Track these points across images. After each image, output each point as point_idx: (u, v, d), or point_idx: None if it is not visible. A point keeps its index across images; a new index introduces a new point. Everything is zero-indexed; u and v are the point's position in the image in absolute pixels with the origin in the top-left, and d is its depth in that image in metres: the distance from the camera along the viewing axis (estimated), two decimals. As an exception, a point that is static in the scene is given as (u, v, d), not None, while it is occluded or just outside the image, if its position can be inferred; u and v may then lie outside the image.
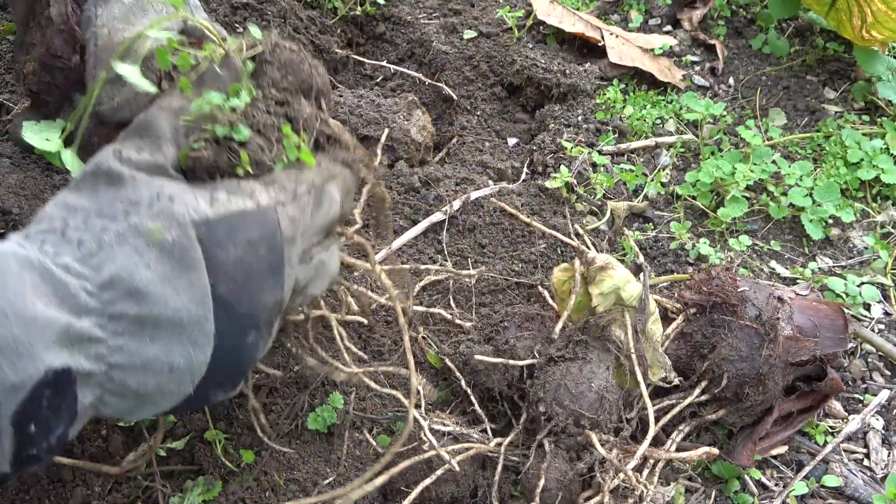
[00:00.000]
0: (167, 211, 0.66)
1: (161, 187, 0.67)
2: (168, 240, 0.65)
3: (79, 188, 0.67)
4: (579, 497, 0.96)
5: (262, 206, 0.70)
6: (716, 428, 1.12)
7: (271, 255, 0.70)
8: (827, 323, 1.11)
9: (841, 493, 1.09)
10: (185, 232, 0.66)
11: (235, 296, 0.68)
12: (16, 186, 1.14)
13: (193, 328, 0.66)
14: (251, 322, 0.69)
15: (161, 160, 0.68)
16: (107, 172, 0.66)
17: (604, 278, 1.05)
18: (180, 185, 0.68)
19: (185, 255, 0.65)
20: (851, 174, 1.45)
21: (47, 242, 0.63)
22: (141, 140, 0.69)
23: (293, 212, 0.72)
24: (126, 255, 0.64)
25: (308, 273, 0.77)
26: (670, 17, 1.75)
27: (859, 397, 1.20)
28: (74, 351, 0.62)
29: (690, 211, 1.41)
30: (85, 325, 0.62)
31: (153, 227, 0.65)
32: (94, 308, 0.63)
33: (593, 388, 1.00)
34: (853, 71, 1.64)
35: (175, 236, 0.65)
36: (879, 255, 1.36)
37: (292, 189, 0.73)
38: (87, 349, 0.63)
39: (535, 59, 1.57)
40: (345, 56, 1.59)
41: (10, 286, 0.59)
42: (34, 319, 0.59)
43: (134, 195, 0.65)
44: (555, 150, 1.42)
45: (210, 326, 0.67)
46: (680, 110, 1.55)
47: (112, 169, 0.66)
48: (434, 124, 1.50)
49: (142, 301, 0.64)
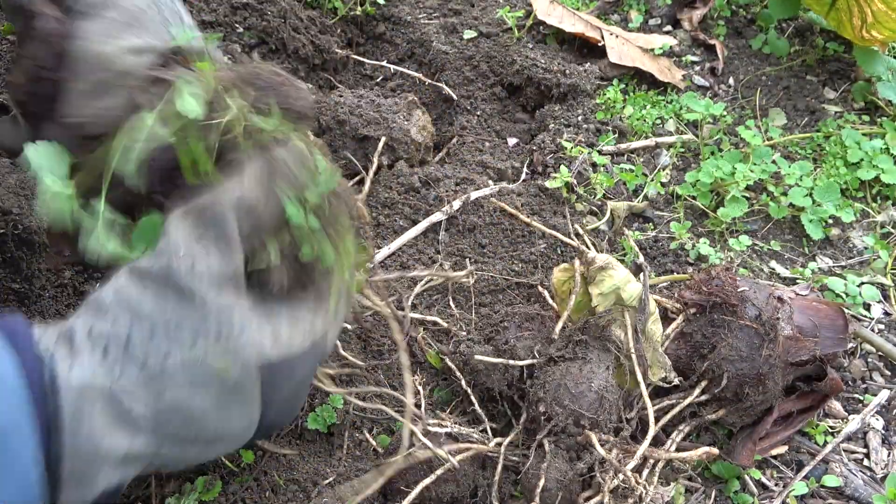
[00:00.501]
0: (234, 348, 0.68)
1: (230, 315, 0.67)
2: (233, 377, 0.68)
3: (144, 286, 0.67)
4: (579, 497, 0.96)
5: (317, 339, 0.73)
6: (716, 428, 1.12)
7: (313, 374, 0.78)
8: (827, 323, 1.11)
9: (841, 493, 1.09)
10: (248, 373, 0.69)
11: (279, 419, 0.76)
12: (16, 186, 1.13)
13: (233, 442, 0.73)
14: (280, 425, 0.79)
15: (230, 270, 0.68)
16: (176, 285, 0.66)
17: (604, 278, 1.05)
18: (245, 311, 0.69)
19: (244, 390, 0.69)
20: (851, 174, 1.45)
21: (110, 353, 0.66)
22: (207, 236, 0.67)
23: (335, 333, 0.76)
24: (188, 385, 0.67)
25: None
26: (670, 17, 1.75)
27: (859, 397, 1.20)
28: (128, 465, 0.67)
29: (690, 211, 1.41)
30: (139, 445, 0.66)
31: (220, 364, 0.67)
32: (150, 429, 0.67)
33: (593, 388, 1.00)
34: (853, 71, 1.65)
35: (238, 375, 0.68)
36: (879, 255, 1.36)
37: (334, 309, 0.75)
38: (140, 461, 0.68)
39: (535, 59, 1.57)
40: (345, 56, 1.59)
41: (86, 421, 0.63)
42: (98, 453, 0.64)
43: (202, 324, 0.67)
44: (555, 150, 1.42)
45: (249, 436, 0.73)
46: (680, 110, 1.55)
47: (182, 285, 0.66)
48: (434, 124, 1.50)
49: (194, 424, 0.69)
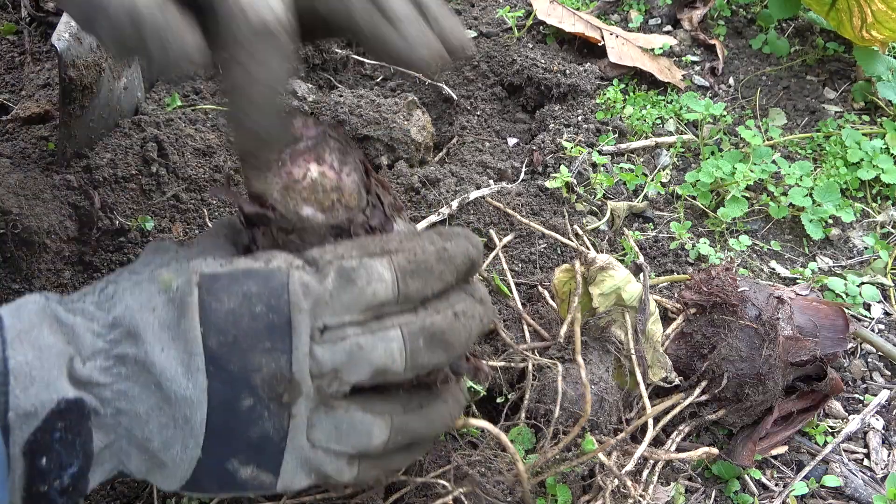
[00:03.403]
0: (184, 265, 0.66)
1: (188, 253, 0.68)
2: (174, 287, 0.65)
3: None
4: (579, 500, 0.96)
5: (272, 266, 0.67)
6: (716, 428, 1.12)
7: (271, 314, 0.66)
8: (827, 323, 1.11)
9: (841, 493, 1.09)
10: (189, 279, 0.65)
11: (225, 350, 0.65)
12: (16, 186, 1.13)
13: (183, 376, 0.65)
14: (243, 384, 0.66)
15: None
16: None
17: (604, 279, 1.05)
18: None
19: (184, 301, 0.65)
20: (851, 174, 1.45)
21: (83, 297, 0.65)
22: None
23: (309, 278, 0.67)
24: (135, 298, 0.65)
25: (337, 356, 0.67)
26: (670, 17, 1.75)
27: (859, 397, 1.20)
28: (82, 390, 0.62)
29: (690, 211, 1.41)
30: (89, 370, 0.62)
31: (165, 275, 0.65)
32: (100, 349, 0.63)
33: (593, 390, 1.00)
34: (853, 71, 1.64)
35: (180, 283, 0.65)
36: (879, 255, 1.36)
37: (315, 257, 0.69)
38: (93, 391, 0.63)
39: (535, 59, 1.57)
40: (345, 56, 1.59)
41: (25, 319, 0.60)
42: (48, 348, 0.60)
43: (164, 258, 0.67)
44: (555, 150, 1.42)
45: (202, 378, 0.65)
46: (680, 110, 1.55)
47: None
48: (434, 124, 1.50)
49: (139, 343, 0.64)
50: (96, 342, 0.63)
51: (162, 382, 0.64)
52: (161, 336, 0.64)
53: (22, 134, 1.28)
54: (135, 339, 0.64)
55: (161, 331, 0.64)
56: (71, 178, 1.19)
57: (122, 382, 0.63)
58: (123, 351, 0.63)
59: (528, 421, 1.02)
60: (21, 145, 1.25)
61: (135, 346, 0.64)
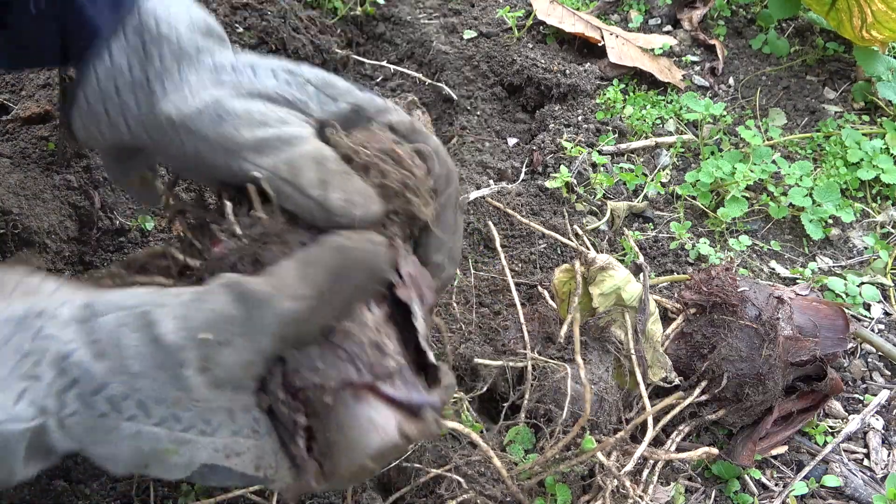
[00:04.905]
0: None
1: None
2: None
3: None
4: (579, 500, 0.96)
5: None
6: (716, 428, 1.12)
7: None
8: (827, 323, 1.11)
9: (841, 493, 1.09)
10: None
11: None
12: (16, 186, 1.14)
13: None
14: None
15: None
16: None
17: (604, 279, 1.05)
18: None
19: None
20: (851, 174, 1.45)
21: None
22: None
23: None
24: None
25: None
26: (670, 17, 1.75)
27: (859, 397, 1.20)
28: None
29: (690, 211, 1.41)
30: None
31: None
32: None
33: (592, 390, 1.00)
34: (853, 71, 1.64)
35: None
36: (879, 255, 1.36)
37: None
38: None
39: (535, 59, 1.57)
40: (345, 56, 1.59)
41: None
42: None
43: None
44: (555, 150, 1.42)
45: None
46: (680, 110, 1.55)
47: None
48: (434, 124, 1.50)
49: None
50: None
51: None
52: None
53: (22, 134, 1.28)
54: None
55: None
56: (71, 178, 1.19)
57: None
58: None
59: (529, 420, 1.02)
60: (21, 145, 1.25)
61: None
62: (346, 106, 0.71)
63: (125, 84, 0.71)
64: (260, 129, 0.67)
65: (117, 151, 0.76)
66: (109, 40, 0.71)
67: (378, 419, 0.60)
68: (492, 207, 1.30)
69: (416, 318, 0.65)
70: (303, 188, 0.65)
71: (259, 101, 0.69)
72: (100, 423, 0.57)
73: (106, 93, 0.72)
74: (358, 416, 0.60)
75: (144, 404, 0.56)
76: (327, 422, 0.60)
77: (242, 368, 0.58)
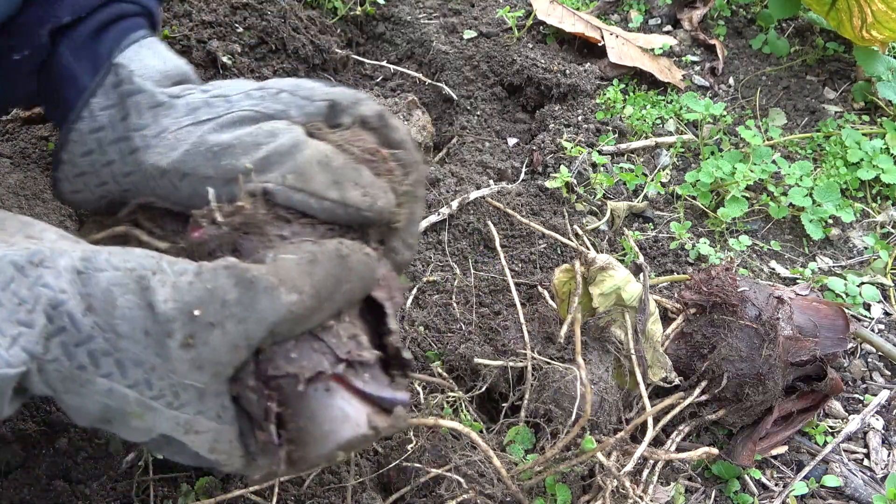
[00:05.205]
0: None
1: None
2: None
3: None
4: (579, 500, 0.96)
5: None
6: (716, 428, 1.12)
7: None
8: (827, 323, 1.11)
9: (841, 493, 1.09)
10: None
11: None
12: (16, 186, 1.14)
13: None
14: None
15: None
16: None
17: (604, 279, 1.05)
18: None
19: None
20: (851, 174, 1.45)
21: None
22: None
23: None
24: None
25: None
26: (670, 17, 1.75)
27: (859, 397, 1.20)
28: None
29: (690, 211, 1.41)
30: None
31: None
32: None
33: (593, 390, 1.00)
34: (853, 71, 1.64)
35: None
36: (879, 255, 1.36)
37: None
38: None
39: (535, 59, 1.57)
40: (345, 56, 1.59)
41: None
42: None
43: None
44: (555, 150, 1.42)
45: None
46: (680, 110, 1.55)
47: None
48: (434, 124, 1.50)
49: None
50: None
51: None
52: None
53: (22, 134, 1.28)
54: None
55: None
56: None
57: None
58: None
59: (529, 420, 1.02)
60: (21, 145, 1.25)
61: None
62: (322, 103, 0.73)
63: (108, 140, 0.73)
64: (256, 150, 0.68)
65: (107, 204, 0.77)
66: (90, 99, 0.74)
67: (350, 411, 0.62)
68: (492, 207, 1.30)
69: (388, 317, 0.68)
70: (317, 193, 0.67)
71: (243, 126, 0.71)
72: (76, 374, 0.59)
73: (90, 149, 0.74)
74: (331, 407, 0.62)
75: (122, 364, 0.58)
76: (299, 410, 0.62)
77: (227, 353, 0.59)
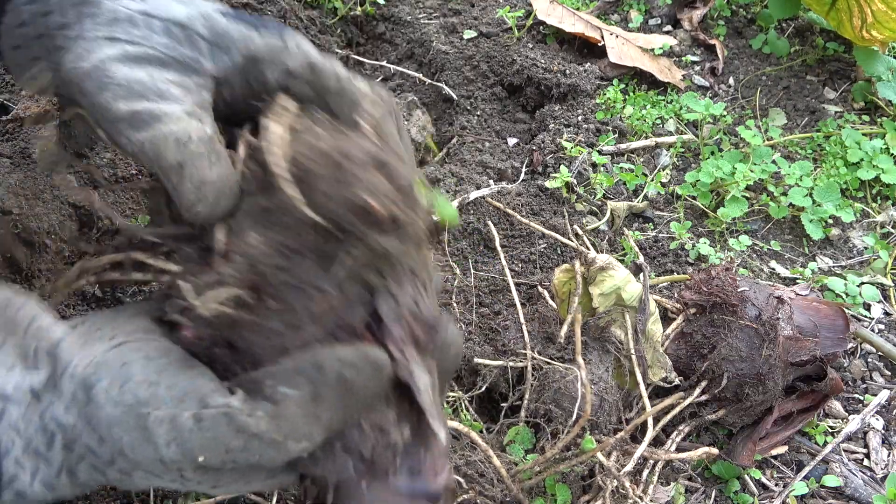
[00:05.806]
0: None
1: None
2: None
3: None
4: (579, 500, 0.96)
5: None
6: (716, 428, 1.12)
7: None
8: (827, 323, 1.11)
9: (841, 493, 1.09)
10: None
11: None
12: (16, 186, 1.14)
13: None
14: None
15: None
16: None
17: (604, 279, 1.05)
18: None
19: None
20: (851, 174, 1.45)
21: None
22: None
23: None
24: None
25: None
26: (670, 17, 1.75)
27: (859, 397, 1.20)
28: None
29: (690, 211, 1.41)
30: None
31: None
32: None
33: (593, 390, 1.00)
34: (853, 71, 1.64)
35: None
36: (879, 255, 1.36)
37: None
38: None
39: (535, 59, 1.57)
40: (345, 56, 1.59)
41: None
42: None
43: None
44: (555, 150, 1.42)
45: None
46: (680, 110, 1.55)
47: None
48: (434, 124, 1.50)
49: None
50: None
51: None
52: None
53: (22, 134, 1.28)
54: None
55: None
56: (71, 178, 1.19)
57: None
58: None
59: (529, 420, 1.02)
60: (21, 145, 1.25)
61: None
62: (239, 58, 0.64)
63: (31, 35, 0.65)
64: (136, 101, 0.61)
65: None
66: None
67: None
68: (492, 207, 1.30)
69: (419, 394, 0.58)
70: (163, 170, 0.60)
71: (147, 66, 0.62)
72: (115, 481, 0.60)
73: (17, 44, 0.66)
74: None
75: (153, 473, 0.59)
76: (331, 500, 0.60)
77: (244, 485, 0.59)
